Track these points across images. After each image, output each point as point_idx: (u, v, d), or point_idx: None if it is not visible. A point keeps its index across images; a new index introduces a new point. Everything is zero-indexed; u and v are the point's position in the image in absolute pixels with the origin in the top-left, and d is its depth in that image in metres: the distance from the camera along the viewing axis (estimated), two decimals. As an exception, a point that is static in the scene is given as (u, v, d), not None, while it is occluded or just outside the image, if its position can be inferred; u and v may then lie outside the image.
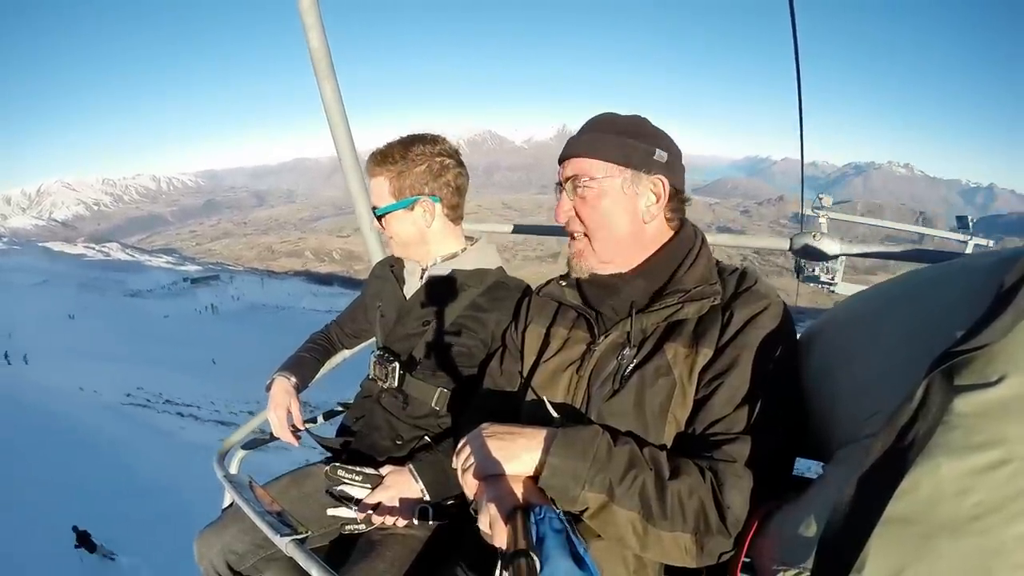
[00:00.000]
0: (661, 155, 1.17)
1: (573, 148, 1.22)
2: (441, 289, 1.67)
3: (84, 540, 13.34)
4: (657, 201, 1.18)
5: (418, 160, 1.60)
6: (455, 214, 1.70)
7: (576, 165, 1.20)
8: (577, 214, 1.22)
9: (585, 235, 1.22)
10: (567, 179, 1.22)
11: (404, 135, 1.65)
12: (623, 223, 1.18)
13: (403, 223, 1.65)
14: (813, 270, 13.55)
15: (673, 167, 1.19)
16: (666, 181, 1.18)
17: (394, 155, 1.60)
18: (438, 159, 1.62)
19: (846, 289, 13.11)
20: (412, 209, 1.63)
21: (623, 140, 1.16)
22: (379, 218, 1.66)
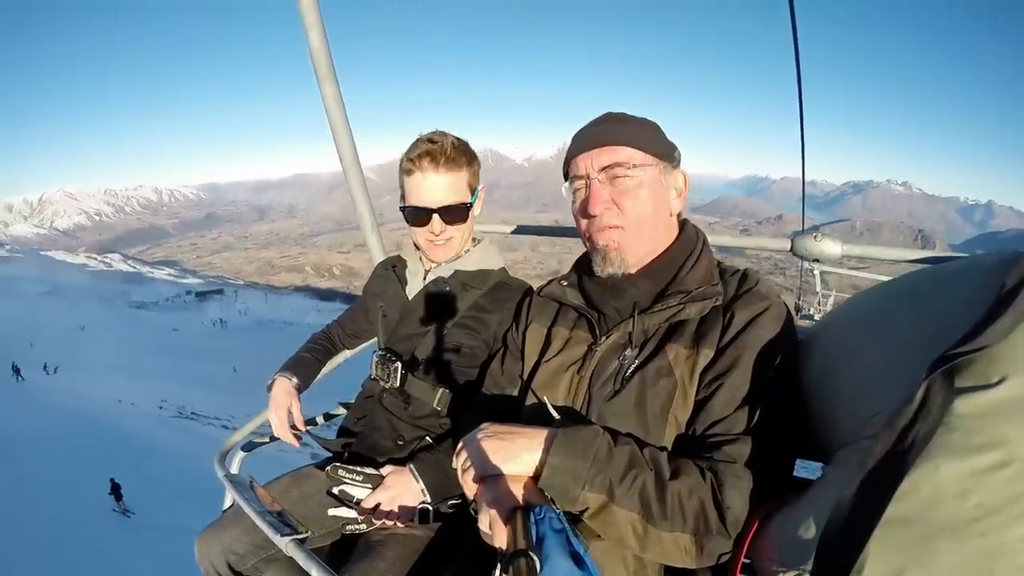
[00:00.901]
0: (679, 152, 1.20)
1: (609, 136, 1.16)
2: (444, 290, 1.68)
3: (115, 490, 18.30)
4: (679, 196, 1.21)
5: (473, 152, 1.65)
6: None
7: (615, 153, 1.15)
8: (616, 204, 1.16)
9: (624, 227, 1.17)
10: (604, 168, 1.15)
11: (435, 131, 1.63)
12: (660, 214, 1.18)
13: (470, 217, 1.67)
14: (809, 309, 13.84)
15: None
16: (687, 177, 1.21)
17: (463, 147, 1.61)
18: (475, 153, 1.67)
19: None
20: (476, 201, 1.68)
21: (655, 132, 1.17)
22: (463, 213, 1.61)
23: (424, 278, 1.74)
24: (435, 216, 1.58)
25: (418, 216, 1.60)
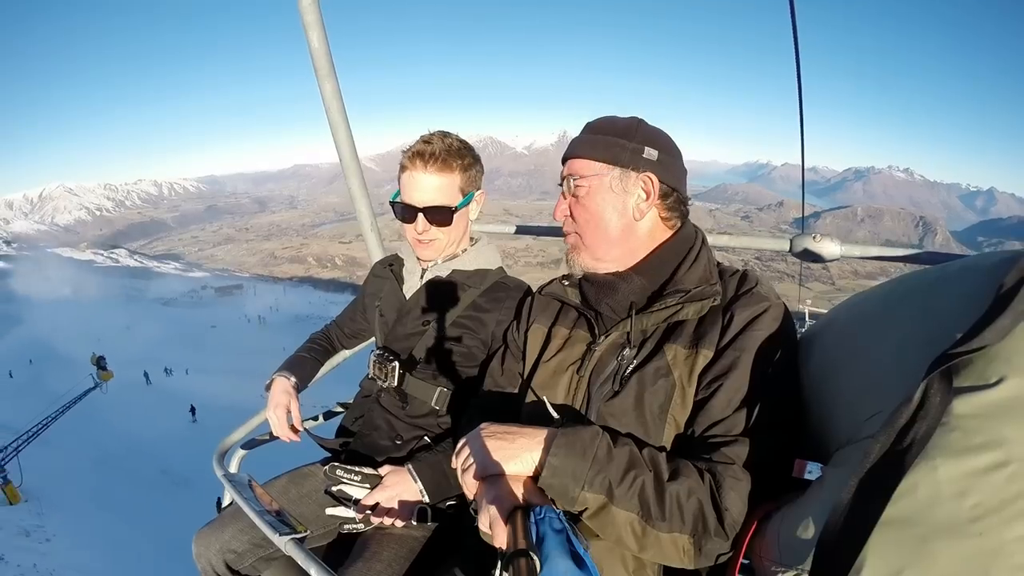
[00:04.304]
0: (651, 153, 1.18)
1: (569, 149, 1.26)
2: (441, 289, 1.68)
3: (192, 411, 40.70)
4: (648, 198, 1.19)
5: (474, 156, 1.66)
6: None
7: (571, 165, 1.25)
8: (571, 212, 1.26)
9: (578, 233, 1.25)
10: (563, 179, 1.27)
11: (437, 131, 1.64)
12: (613, 220, 1.20)
13: (462, 219, 1.67)
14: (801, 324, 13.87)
15: (666, 165, 1.20)
16: (655, 178, 1.18)
17: (459, 151, 1.61)
18: (478, 156, 1.68)
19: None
20: (469, 204, 1.68)
21: (613, 140, 1.19)
22: (446, 215, 1.61)
23: (421, 277, 1.74)
24: (420, 215, 1.60)
25: (404, 214, 1.63)
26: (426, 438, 1.62)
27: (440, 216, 1.60)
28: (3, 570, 19.54)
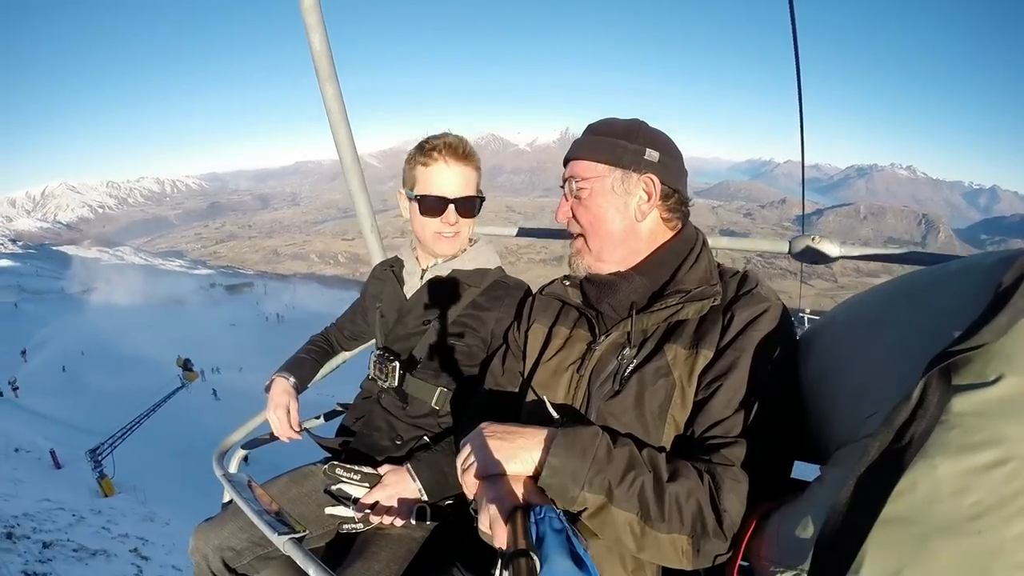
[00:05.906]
0: (652, 155, 1.19)
1: (571, 151, 1.27)
2: (441, 289, 1.69)
3: (213, 393, 50.96)
4: (649, 199, 1.20)
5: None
6: None
7: (572, 167, 1.25)
8: (574, 214, 1.26)
9: (581, 235, 1.26)
10: (565, 181, 1.27)
11: (447, 132, 1.66)
12: (615, 221, 1.21)
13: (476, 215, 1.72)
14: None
15: (667, 167, 1.20)
16: (656, 179, 1.19)
17: (475, 151, 1.66)
18: None
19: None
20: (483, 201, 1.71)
21: (614, 142, 1.20)
22: (472, 207, 1.66)
23: (421, 277, 1.74)
24: (451, 207, 1.60)
25: (435, 205, 1.60)
26: (425, 438, 1.62)
27: (469, 207, 1.64)
28: (153, 550, 20.73)
